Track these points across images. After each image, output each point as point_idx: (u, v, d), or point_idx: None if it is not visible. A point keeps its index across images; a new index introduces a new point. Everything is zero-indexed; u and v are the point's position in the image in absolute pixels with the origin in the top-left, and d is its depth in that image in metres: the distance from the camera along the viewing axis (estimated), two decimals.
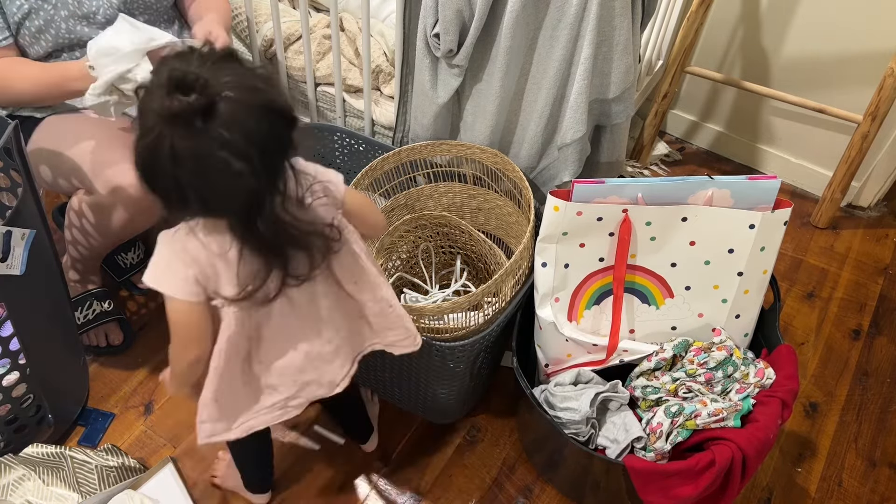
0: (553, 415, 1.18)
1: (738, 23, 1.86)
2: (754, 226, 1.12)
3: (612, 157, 1.47)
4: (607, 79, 1.31)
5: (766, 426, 1.06)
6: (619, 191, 1.11)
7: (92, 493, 1.22)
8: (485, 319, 1.19)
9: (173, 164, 0.72)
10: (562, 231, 1.14)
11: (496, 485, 1.35)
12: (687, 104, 2.10)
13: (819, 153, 1.94)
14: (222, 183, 0.74)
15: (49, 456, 1.25)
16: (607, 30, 1.22)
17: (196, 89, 0.70)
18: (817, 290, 1.75)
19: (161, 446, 1.36)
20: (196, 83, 0.70)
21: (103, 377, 1.46)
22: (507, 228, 1.45)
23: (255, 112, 0.73)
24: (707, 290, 1.18)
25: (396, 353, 1.06)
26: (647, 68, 1.88)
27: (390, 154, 1.37)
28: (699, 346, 1.18)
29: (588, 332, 1.23)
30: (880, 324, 1.68)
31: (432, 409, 1.38)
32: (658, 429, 1.12)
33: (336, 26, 1.45)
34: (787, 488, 1.37)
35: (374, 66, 1.52)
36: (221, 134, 0.71)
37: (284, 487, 1.32)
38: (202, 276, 0.82)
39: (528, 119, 1.37)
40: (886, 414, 1.50)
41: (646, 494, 1.10)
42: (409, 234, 1.47)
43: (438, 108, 1.36)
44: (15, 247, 1.04)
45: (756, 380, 1.14)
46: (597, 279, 1.19)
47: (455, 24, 1.22)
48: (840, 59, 1.76)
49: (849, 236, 1.89)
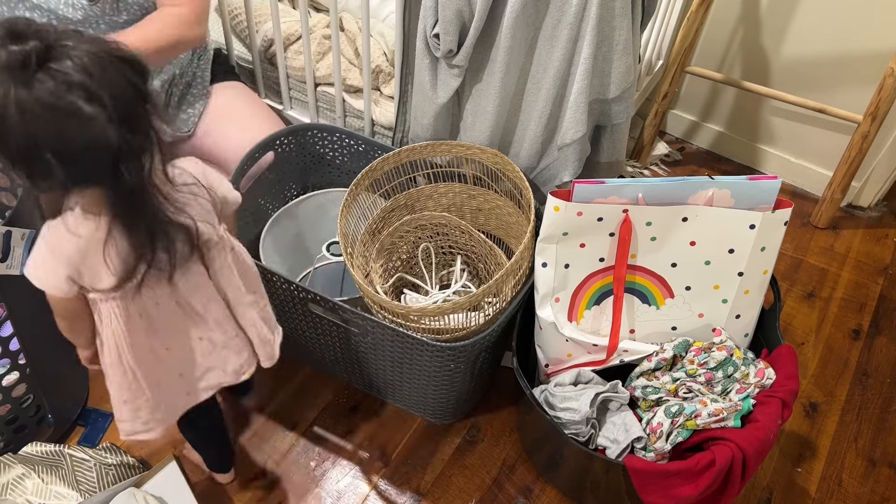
0: (553, 415, 1.18)
1: (738, 23, 1.86)
2: (755, 226, 1.12)
3: (613, 157, 1.47)
4: (607, 79, 1.30)
5: (767, 426, 1.06)
6: (619, 191, 1.11)
7: (91, 491, 1.22)
8: (485, 320, 1.19)
9: (22, 119, 0.68)
10: (562, 231, 1.14)
11: (496, 485, 1.35)
12: (687, 104, 2.10)
13: (819, 153, 1.94)
14: (77, 133, 0.70)
15: (48, 454, 1.25)
16: (607, 30, 1.22)
17: (30, 36, 0.68)
18: (817, 290, 1.75)
19: (161, 446, 1.36)
20: (29, 30, 0.69)
21: (103, 377, 1.46)
22: (508, 228, 1.45)
23: (99, 56, 0.71)
24: (707, 290, 1.18)
25: None
26: (647, 68, 1.88)
27: (390, 154, 1.37)
28: (699, 347, 1.18)
29: (588, 332, 1.23)
30: (880, 324, 1.68)
31: (432, 409, 1.38)
32: (658, 429, 1.12)
33: (336, 26, 1.45)
34: (787, 488, 1.37)
35: (374, 67, 1.52)
36: (66, 76, 0.68)
37: (284, 487, 1.32)
38: (76, 274, 0.83)
39: (528, 119, 1.37)
40: (886, 414, 1.50)
41: (646, 494, 1.10)
42: (409, 235, 1.47)
43: (438, 108, 1.36)
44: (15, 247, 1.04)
45: (756, 380, 1.14)
46: (597, 279, 1.19)
47: (455, 25, 1.22)
48: (840, 59, 1.76)
49: (849, 236, 1.90)
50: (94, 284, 0.85)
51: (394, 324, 1.18)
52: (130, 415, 0.99)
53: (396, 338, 1.20)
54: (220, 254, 0.95)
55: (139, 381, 0.96)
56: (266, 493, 1.31)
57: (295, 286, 1.24)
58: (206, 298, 0.96)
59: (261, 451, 1.37)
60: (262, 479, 1.33)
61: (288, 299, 1.29)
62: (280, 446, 1.38)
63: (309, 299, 1.24)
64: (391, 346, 1.23)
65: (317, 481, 1.34)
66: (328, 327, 1.30)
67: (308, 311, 1.28)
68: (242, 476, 1.33)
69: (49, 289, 0.84)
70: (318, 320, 1.29)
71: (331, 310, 1.23)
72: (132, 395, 0.97)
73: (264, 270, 1.26)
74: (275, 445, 1.38)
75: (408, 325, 1.18)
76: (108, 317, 0.89)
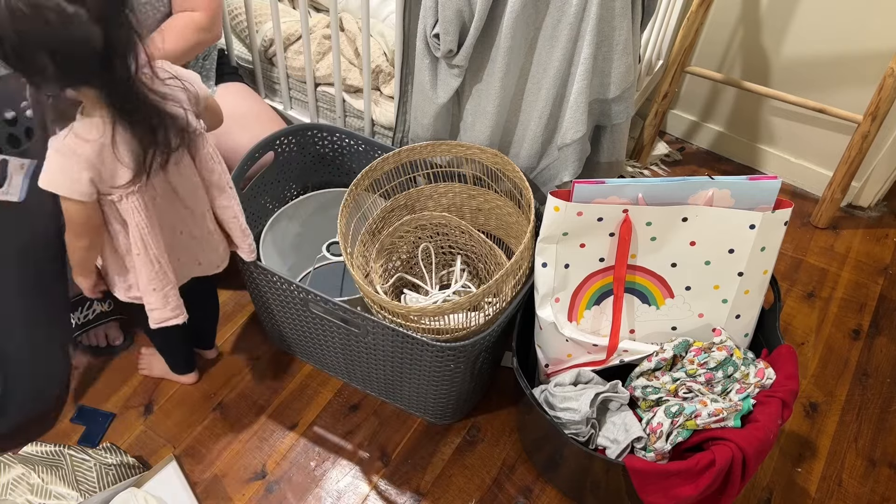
0: (553, 415, 1.18)
1: (738, 23, 1.86)
2: (755, 226, 1.12)
3: (612, 157, 1.47)
4: (607, 79, 1.31)
5: (766, 426, 1.06)
6: (619, 191, 1.11)
7: (91, 491, 1.22)
8: (485, 320, 1.19)
9: (12, 18, 0.78)
10: (562, 231, 1.14)
11: (496, 485, 1.35)
12: (687, 104, 2.10)
13: (819, 153, 1.94)
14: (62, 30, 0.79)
15: (48, 454, 1.25)
16: (607, 30, 1.22)
17: None
18: (817, 290, 1.75)
19: (161, 446, 1.36)
20: None
21: (103, 377, 1.46)
22: (508, 229, 1.45)
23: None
24: (707, 290, 1.18)
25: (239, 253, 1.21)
26: (647, 68, 1.88)
27: (390, 154, 1.37)
28: (699, 347, 1.18)
29: (588, 332, 1.23)
30: (880, 324, 1.68)
31: (432, 409, 1.38)
32: (658, 429, 1.12)
33: (336, 26, 1.45)
34: (787, 488, 1.37)
35: (374, 67, 1.52)
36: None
37: (284, 487, 1.32)
38: (97, 176, 0.93)
39: (528, 119, 1.37)
40: (886, 414, 1.50)
41: (646, 494, 1.10)
42: (409, 235, 1.47)
43: (438, 108, 1.36)
44: (13, 174, 1.08)
45: (756, 380, 1.14)
46: (597, 279, 1.19)
47: (455, 25, 1.22)
48: (840, 59, 1.76)
49: (849, 236, 1.90)
50: (113, 182, 0.95)
51: (394, 324, 1.18)
52: (161, 302, 1.09)
53: (396, 338, 1.20)
54: (203, 144, 1.06)
55: (164, 269, 1.06)
56: (266, 493, 1.31)
57: (295, 286, 1.24)
58: (194, 187, 1.08)
59: (261, 451, 1.37)
60: (262, 479, 1.33)
61: (288, 299, 1.29)
62: (280, 446, 1.38)
63: (309, 299, 1.24)
64: (391, 346, 1.23)
65: (317, 481, 1.34)
66: (328, 327, 1.30)
67: (308, 311, 1.28)
68: (242, 476, 1.33)
69: (71, 193, 0.92)
70: (318, 320, 1.29)
71: (331, 310, 1.23)
72: (161, 283, 1.08)
73: (264, 270, 1.26)
74: (275, 445, 1.38)
75: (408, 325, 1.18)
76: (131, 212, 0.99)
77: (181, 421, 1.40)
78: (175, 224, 1.09)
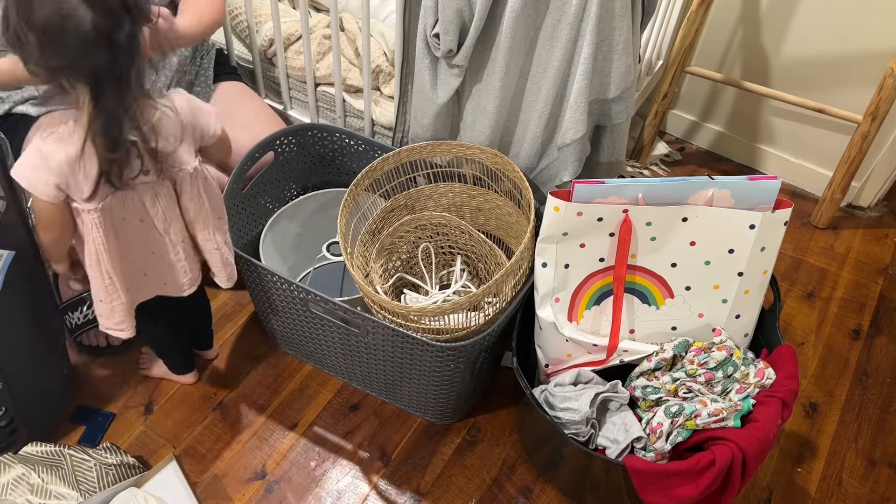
0: (553, 415, 1.18)
1: (738, 23, 1.86)
2: (754, 226, 1.12)
3: (612, 157, 1.47)
4: (607, 79, 1.31)
5: (766, 426, 1.06)
6: (619, 191, 1.11)
7: (91, 491, 1.22)
8: (485, 320, 1.19)
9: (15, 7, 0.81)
10: (562, 231, 1.14)
11: (496, 485, 1.35)
12: (687, 104, 2.10)
13: (819, 153, 1.94)
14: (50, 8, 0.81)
15: (48, 454, 1.25)
16: (607, 30, 1.22)
17: None
18: (817, 290, 1.75)
19: (161, 446, 1.36)
20: None
21: (103, 377, 1.46)
22: (507, 229, 1.45)
23: None
24: (707, 290, 1.18)
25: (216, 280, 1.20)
26: (647, 68, 1.88)
27: (390, 154, 1.37)
28: (699, 347, 1.18)
29: (588, 332, 1.23)
30: (880, 324, 1.68)
31: (432, 409, 1.38)
32: (658, 429, 1.12)
33: (336, 26, 1.45)
34: (787, 488, 1.37)
35: (374, 66, 1.52)
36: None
37: (284, 487, 1.32)
38: (63, 183, 0.94)
39: (528, 119, 1.37)
40: (886, 414, 1.50)
41: (646, 494, 1.10)
42: (409, 235, 1.47)
43: (438, 108, 1.36)
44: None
45: (756, 380, 1.14)
46: (597, 279, 1.19)
47: (455, 24, 1.22)
48: (840, 59, 1.76)
49: (849, 236, 1.90)
50: (78, 195, 0.96)
51: (394, 324, 1.18)
52: (107, 312, 1.11)
53: (396, 338, 1.20)
54: (192, 185, 1.06)
55: (115, 286, 1.07)
56: (266, 493, 1.31)
57: (295, 286, 1.24)
58: (173, 218, 1.08)
59: (261, 451, 1.37)
60: (262, 479, 1.33)
61: (288, 299, 1.29)
62: (280, 446, 1.38)
63: (309, 299, 1.24)
64: (391, 346, 1.23)
65: (317, 481, 1.34)
66: (328, 327, 1.30)
67: (308, 311, 1.28)
68: (242, 476, 1.33)
69: (38, 193, 0.94)
70: (318, 320, 1.29)
71: (331, 310, 1.23)
72: (108, 297, 1.09)
73: (264, 270, 1.26)
74: (275, 445, 1.38)
75: (408, 325, 1.18)
76: (90, 227, 0.99)
77: (181, 421, 1.40)
78: (148, 244, 1.09)
